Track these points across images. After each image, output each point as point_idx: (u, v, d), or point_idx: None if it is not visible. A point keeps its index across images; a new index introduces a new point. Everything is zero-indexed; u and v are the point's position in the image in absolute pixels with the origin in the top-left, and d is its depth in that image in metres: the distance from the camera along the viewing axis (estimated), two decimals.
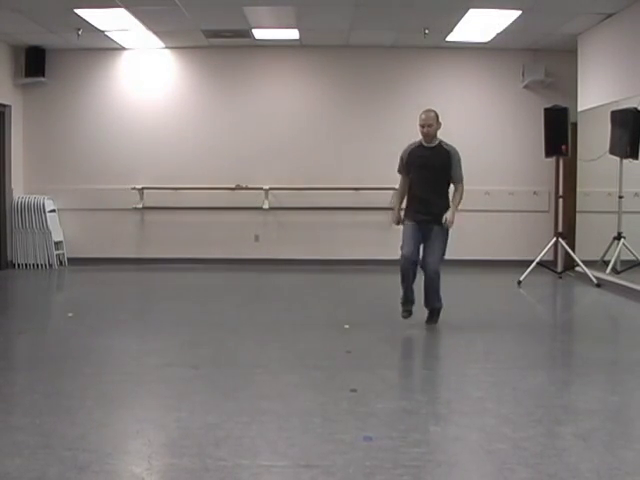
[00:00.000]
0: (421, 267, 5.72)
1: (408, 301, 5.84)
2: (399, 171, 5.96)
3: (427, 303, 5.86)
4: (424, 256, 5.72)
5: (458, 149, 5.83)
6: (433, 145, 5.79)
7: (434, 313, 5.91)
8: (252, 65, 10.03)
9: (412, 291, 5.82)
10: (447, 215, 5.63)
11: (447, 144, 5.82)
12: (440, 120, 5.81)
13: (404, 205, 5.96)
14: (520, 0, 7.60)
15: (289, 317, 6.44)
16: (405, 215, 5.86)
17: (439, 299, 5.86)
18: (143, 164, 10.03)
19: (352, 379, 4.27)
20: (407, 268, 5.69)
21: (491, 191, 10.02)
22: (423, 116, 5.78)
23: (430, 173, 5.73)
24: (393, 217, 6.03)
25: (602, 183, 8.81)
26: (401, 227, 5.88)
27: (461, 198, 5.79)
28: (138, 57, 10.03)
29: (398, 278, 5.76)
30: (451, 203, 5.75)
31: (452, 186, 5.88)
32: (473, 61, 9.98)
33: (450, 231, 5.73)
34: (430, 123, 5.74)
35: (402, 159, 5.90)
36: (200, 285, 8.84)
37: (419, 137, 5.84)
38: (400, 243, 5.79)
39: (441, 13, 8.15)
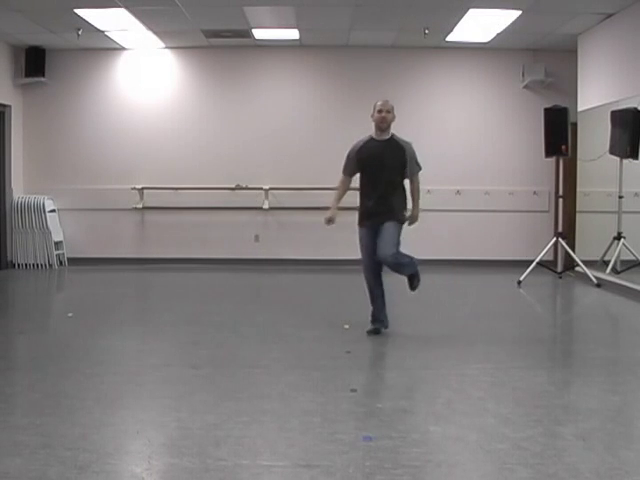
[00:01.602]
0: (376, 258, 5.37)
1: (375, 318, 5.56)
2: (344, 170, 5.63)
3: (401, 274, 5.49)
4: (377, 247, 5.33)
5: (413, 143, 5.52)
6: (386, 138, 5.46)
7: (411, 279, 5.50)
8: (252, 65, 10.03)
9: (380, 307, 5.54)
10: (414, 215, 5.46)
11: (401, 138, 5.50)
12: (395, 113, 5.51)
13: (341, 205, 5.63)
14: (520, 0, 7.61)
15: (289, 317, 6.43)
16: (359, 219, 5.56)
17: (403, 265, 5.36)
18: (143, 164, 10.04)
19: (352, 379, 4.28)
20: (370, 278, 5.51)
21: (491, 191, 10.03)
22: (380, 102, 5.45)
23: (384, 168, 5.38)
24: (327, 215, 5.57)
25: (602, 183, 8.81)
26: (333, 226, 5.60)
27: (419, 193, 5.50)
28: (138, 57, 10.04)
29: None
30: (412, 201, 5.49)
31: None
32: (473, 61, 9.98)
33: (406, 226, 5.52)
34: (388, 109, 5.41)
35: (349, 157, 5.56)
36: (200, 285, 8.84)
37: (373, 131, 5.56)
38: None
39: (441, 13, 8.15)
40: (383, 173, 5.39)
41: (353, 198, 5.69)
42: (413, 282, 5.51)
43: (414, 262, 5.44)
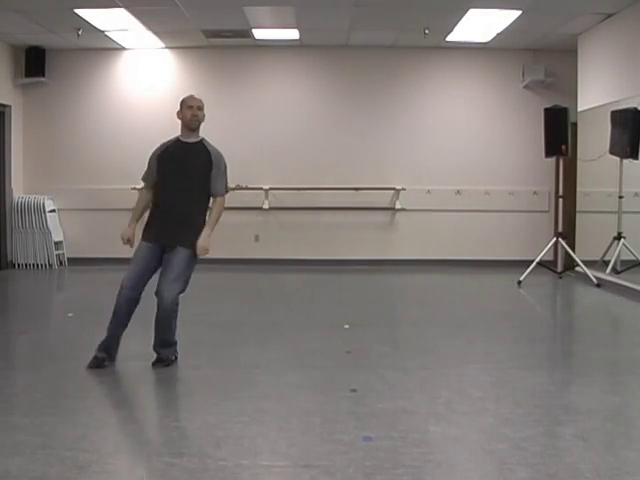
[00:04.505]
0: (155, 294, 4.44)
1: (106, 346, 4.47)
2: (144, 178, 4.83)
3: (154, 343, 4.51)
4: (159, 281, 4.46)
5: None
6: (194, 141, 4.68)
7: (161, 359, 4.50)
8: (252, 65, 10.03)
9: (117, 338, 4.52)
10: (199, 240, 4.46)
11: (212, 146, 4.72)
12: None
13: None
14: (520, 0, 7.61)
15: (289, 317, 6.44)
16: (143, 233, 4.72)
17: (168, 343, 4.52)
18: (143, 164, 9.94)
19: (352, 379, 4.27)
20: (122, 303, 4.45)
21: (491, 191, 10.02)
22: (188, 96, 4.72)
23: (185, 175, 4.56)
24: (124, 234, 4.80)
25: (602, 183, 8.81)
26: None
27: (219, 216, 4.64)
28: (138, 57, 10.04)
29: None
30: (207, 222, 4.58)
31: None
32: (473, 61, 9.98)
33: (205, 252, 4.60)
34: (200, 105, 4.64)
35: (150, 161, 4.78)
36: (200, 285, 8.80)
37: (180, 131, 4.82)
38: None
39: (441, 13, 8.15)
40: (183, 181, 4.55)
41: (351, 198, 5.65)
42: (161, 362, 4.50)
43: (172, 349, 4.60)
